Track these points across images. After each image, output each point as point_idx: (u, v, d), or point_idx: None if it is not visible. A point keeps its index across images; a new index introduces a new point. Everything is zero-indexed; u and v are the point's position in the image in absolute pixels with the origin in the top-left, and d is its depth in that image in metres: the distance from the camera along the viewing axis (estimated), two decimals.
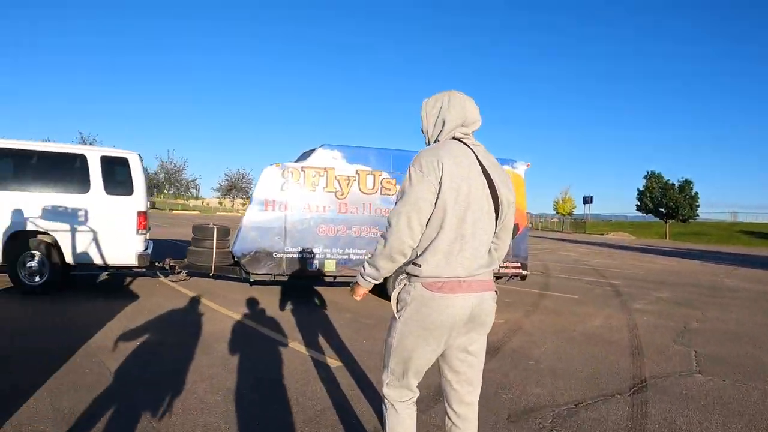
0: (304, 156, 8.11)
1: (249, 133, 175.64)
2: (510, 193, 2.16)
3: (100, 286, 8.29)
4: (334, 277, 7.92)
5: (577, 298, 9.60)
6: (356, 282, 2.21)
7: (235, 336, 5.51)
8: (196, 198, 75.01)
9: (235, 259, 7.63)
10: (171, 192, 61.79)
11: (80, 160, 7.35)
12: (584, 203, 64.12)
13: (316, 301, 7.88)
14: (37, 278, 7.19)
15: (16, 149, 7.36)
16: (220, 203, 72.04)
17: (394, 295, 2.15)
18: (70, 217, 7.20)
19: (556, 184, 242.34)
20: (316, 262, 7.67)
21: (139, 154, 7.79)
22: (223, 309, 6.79)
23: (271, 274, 7.57)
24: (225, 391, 3.92)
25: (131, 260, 7.42)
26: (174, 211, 49.63)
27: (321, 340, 5.54)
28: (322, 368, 4.59)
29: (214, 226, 8.07)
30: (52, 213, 7.16)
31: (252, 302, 7.41)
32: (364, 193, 7.89)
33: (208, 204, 74.06)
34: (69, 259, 7.24)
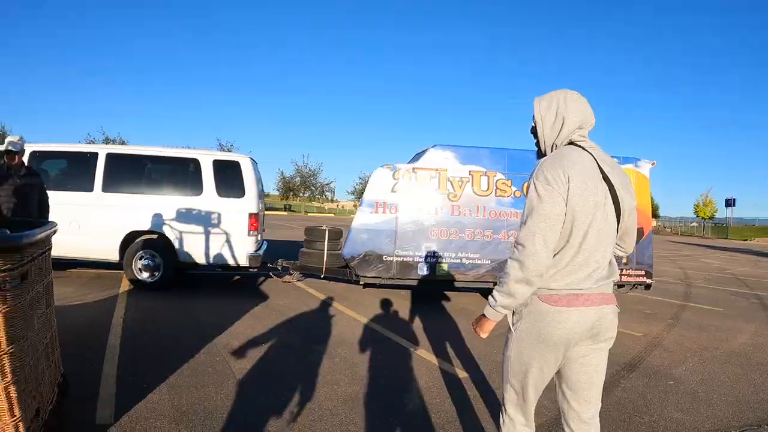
0: (417, 157, 7.99)
1: (385, 136, 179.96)
2: (631, 198, 2.06)
3: (232, 286, 8.61)
4: (446, 282, 7.72)
5: (722, 311, 8.71)
6: (483, 316, 2.09)
7: (361, 340, 5.48)
8: (331, 201, 77.69)
9: (345, 261, 7.65)
10: (306, 195, 64.65)
11: (194, 164, 7.79)
12: (726, 206, 60.58)
13: (445, 307, 7.68)
14: (151, 275, 7.58)
15: (134, 154, 8.00)
16: (355, 206, 74.63)
17: None
18: (184, 218, 7.61)
19: (698, 185, 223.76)
20: (426, 266, 7.53)
21: (252, 158, 8.11)
22: (351, 312, 6.80)
23: (380, 278, 7.53)
24: (346, 398, 3.87)
25: (242, 260, 7.67)
26: (309, 214, 52.13)
27: (449, 348, 5.37)
28: (448, 378, 4.43)
29: (326, 228, 8.18)
30: (168, 214, 7.59)
31: (381, 306, 7.37)
32: (477, 194, 7.62)
33: (343, 207, 76.41)
34: (182, 258, 7.62)
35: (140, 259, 7.51)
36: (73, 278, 8.00)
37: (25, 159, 6.68)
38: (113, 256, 7.55)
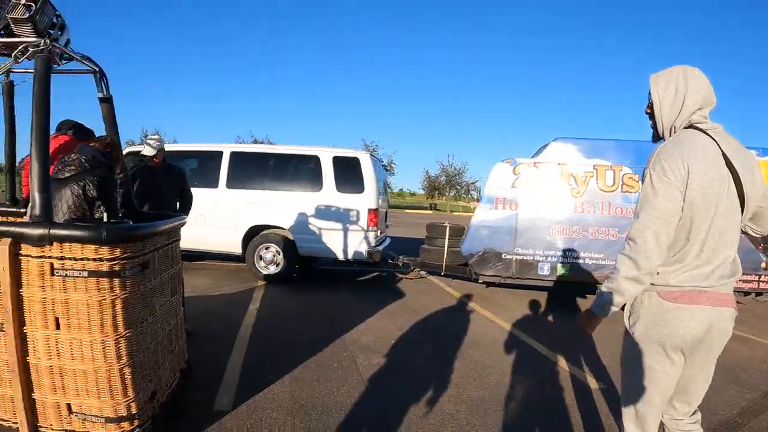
0: (540, 151, 7.63)
1: (535, 135, 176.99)
2: (758, 182, 1.85)
3: (368, 282, 8.64)
4: (567, 283, 7.26)
5: None
6: (590, 311, 1.99)
7: (493, 343, 5.22)
8: (477, 200, 77.96)
9: (464, 259, 7.46)
10: (452, 194, 65.43)
11: (314, 161, 7.93)
12: None
13: (580, 309, 7.24)
14: (272, 268, 7.82)
15: (256, 152, 8.39)
16: None
17: (627, 307, 1.98)
18: (304, 213, 7.77)
19: None
20: (547, 265, 7.14)
21: (371, 154, 8.13)
22: (487, 313, 6.55)
23: (499, 276, 7.27)
24: (470, 402, 3.67)
25: (361, 255, 7.71)
26: (454, 213, 52.52)
27: (587, 356, 4.96)
28: (579, 388, 4.09)
29: (447, 225, 8.04)
30: (288, 209, 7.80)
31: (518, 306, 7.06)
32: (602, 190, 7.10)
33: None
34: (302, 252, 7.80)
35: (261, 253, 7.78)
36: (211, 270, 8.43)
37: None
38: (236, 249, 7.89)
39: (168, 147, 8.04)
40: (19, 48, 2.61)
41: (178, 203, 5.08)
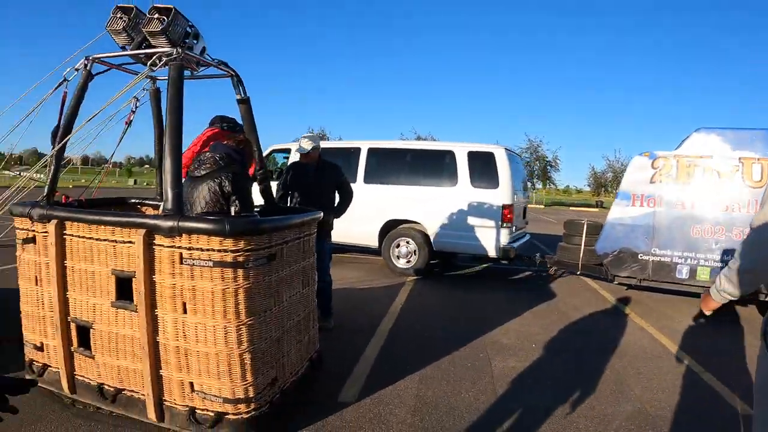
0: (682, 143, 6.77)
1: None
2: None
3: (519, 281, 8.39)
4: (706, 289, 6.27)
5: None
6: (708, 294, 1.89)
7: (641, 354, 4.71)
8: None
9: (598, 258, 6.99)
10: None
11: (449, 156, 7.88)
12: None
13: (739, 319, 6.35)
14: (407, 262, 7.92)
15: (392, 148, 8.48)
16: None
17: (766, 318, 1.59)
18: (438, 207, 7.74)
19: None
20: (686, 268, 6.41)
21: (506, 149, 7.86)
22: (641, 321, 5.98)
23: (634, 278, 6.69)
24: (602, 418, 3.34)
25: (494, 252, 7.51)
26: None
27: (734, 373, 4.31)
28: (728, 413, 3.54)
29: (585, 222, 7.57)
30: (423, 204, 7.83)
31: (677, 316, 6.36)
32: (750, 186, 6.23)
33: None
34: (436, 247, 7.77)
35: (397, 247, 7.91)
36: (363, 264, 8.63)
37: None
38: (373, 242, 8.11)
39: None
40: (154, 57, 2.88)
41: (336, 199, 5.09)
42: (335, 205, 5.03)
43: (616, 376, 4.06)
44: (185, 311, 2.58)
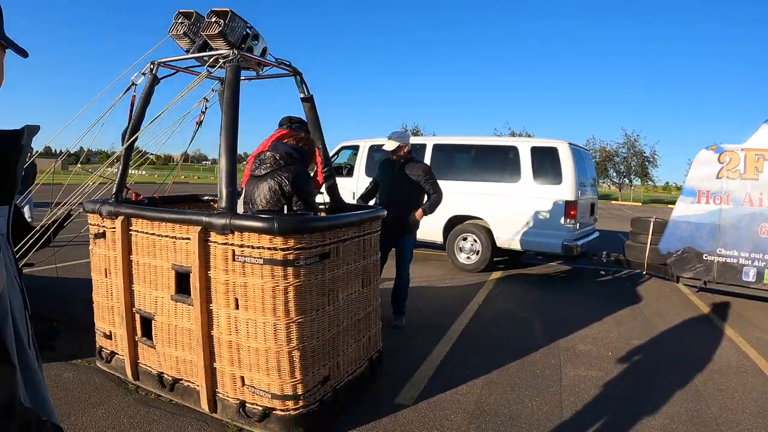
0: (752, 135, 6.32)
1: None
2: None
3: (606, 283, 7.89)
4: None
5: None
6: None
7: (725, 370, 4.25)
8: None
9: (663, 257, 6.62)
10: None
11: (513, 152, 7.71)
12: None
13: None
14: (471, 258, 7.78)
15: (457, 144, 8.45)
16: None
17: None
18: (501, 203, 7.60)
19: None
20: (753, 270, 5.95)
21: (570, 143, 7.56)
22: (731, 331, 5.38)
23: (698, 279, 6.32)
24: None
25: (557, 249, 7.27)
26: None
27: None
28: None
29: (652, 220, 7.14)
30: (486, 200, 7.71)
31: None
32: None
33: None
34: (499, 243, 7.61)
35: (461, 242, 7.80)
36: (445, 262, 8.33)
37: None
38: (438, 237, 8.01)
39: (372, 142, 8.52)
40: (212, 59, 2.94)
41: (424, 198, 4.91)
42: (422, 203, 4.85)
43: (694, 392, 3.71)
44: (237, 307, 2.61)
